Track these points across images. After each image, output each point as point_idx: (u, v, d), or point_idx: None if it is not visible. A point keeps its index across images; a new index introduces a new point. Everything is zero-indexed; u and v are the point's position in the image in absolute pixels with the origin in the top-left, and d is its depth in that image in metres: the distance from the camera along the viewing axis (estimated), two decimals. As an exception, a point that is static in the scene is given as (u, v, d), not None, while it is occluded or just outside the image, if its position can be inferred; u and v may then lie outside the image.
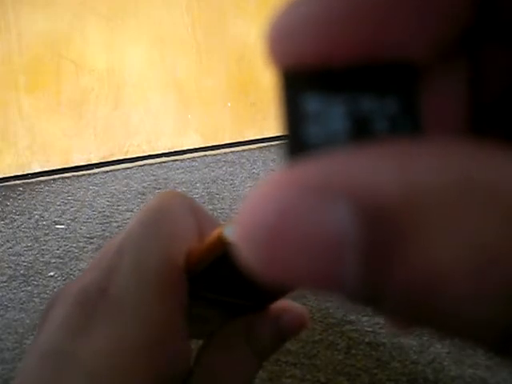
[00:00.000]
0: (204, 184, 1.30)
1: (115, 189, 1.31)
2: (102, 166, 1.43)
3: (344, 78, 0.10)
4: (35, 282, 0.97)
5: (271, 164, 1.40)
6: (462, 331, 0.08)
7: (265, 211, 0.08)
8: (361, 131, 0.10)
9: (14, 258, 1.05)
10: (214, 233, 0.21)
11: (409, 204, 0.08)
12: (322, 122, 0.10)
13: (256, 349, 0.23)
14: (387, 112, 0.10)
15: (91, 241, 1.09)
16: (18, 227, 1.16)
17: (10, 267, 1.02)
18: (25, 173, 1.39)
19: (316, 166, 0.09)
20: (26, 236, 1.12)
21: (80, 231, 1.13)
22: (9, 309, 0.91)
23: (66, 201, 1.26)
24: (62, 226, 1.15)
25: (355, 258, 0.08)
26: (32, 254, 1.05)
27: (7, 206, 1.25)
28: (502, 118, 0.11)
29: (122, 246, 0.22)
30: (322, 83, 0.10)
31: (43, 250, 1.07)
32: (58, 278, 0.98)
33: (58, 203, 1.25)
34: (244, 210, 0.09)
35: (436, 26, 0.10)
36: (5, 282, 0.98)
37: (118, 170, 1.42)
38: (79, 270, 0.99)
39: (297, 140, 0.10)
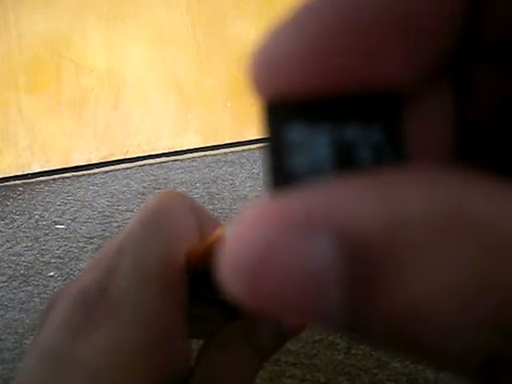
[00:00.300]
0: (204, 184, 1.30)
1: (115, 189, 1.31)
2: (102, 166, 1.43)
3: (328, 108, 0.10)
4: (35, 282, 0.97)
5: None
6: (446, 360, 0.08)
7: (249, 242, 0.09)
8: (345, 161, 0.09)
9: (14, 257, 1.05)
10: (215, 233, 0.21)
11: (392, 237, 0.08)
12: (305, 152, 0.10)
13: (256, 349, 0.23)
14: (372, 141, 0.10)
15: (91, 241, 1.09)
16: (18, 227, 1.16)
17: (10, 267, 1.02)
18: (25, 173, 1.38)
19: (299, 197, 0.09)
20: (26, 236, 1.12)
21: (80, 231, 1.13)
22: (9, 309, 0.91)
23: (65, 201, 1.26)
24: (62, 226, 1.15)
25: (338, 290, 0.08)
26: (32, 254, 1.05)
27: (7, 205, 1.25)
28: (489, 144, 0.11)
29: (122, 245, 0.22)
30: (305, 113, 0.10)
31: (43, 250, 1.07)
32: (58, 278, 0.98)
33: (58, 203, 1.25)
34: (229, 240, 0.09)
35: (423, 54, 0.10)
36: (5, 282, 0.98)
37: (118, 170, 1.41)
38: (79, 269, 0.99)
39: (281, 169, 0.10)
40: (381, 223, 0.08)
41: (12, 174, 1.37)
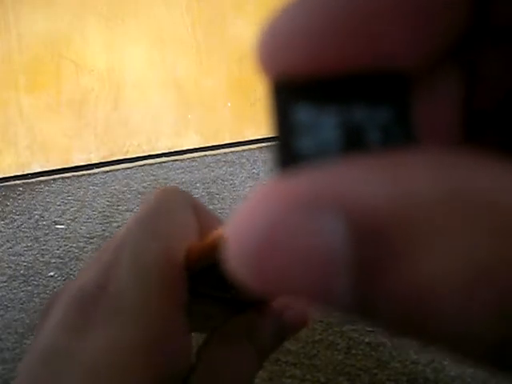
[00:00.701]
0: (204, 184, 1.30)
1: (115, 189, 1.31)
2: (102, 166, 1.43)
3: (335, 89, 0.09)
4: (35, 282, 0.97)
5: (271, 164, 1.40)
6: (452, 345, 0.08)
7: (256, 223, 0.08)
8: (353, 142, 0.09)
9: (14, 258, 1.05)
10: (216, 231, 0.21)
11: (400, 217, 0.08)
12: (313, 133, 0.09)
13: (257, 346, 0.23)
14: (379, 122, 0.09)
15: (91, 241, 1.09)
16: (18, 227, 1.15)
17: (10, 267, 1.02)
18: (25, 173, 1.38)
19: (307, 178, 0.08)
20: (26, 236, 1.12)
21: (80, 231, 1.13)
22: (9, 309, 0.91)
23: (66, 201, 1.26)
24: (62, 226, 1.15)
25: (346, 271, 0.08)
26: (32, 254, 1.05)
27: (7, 205, 1.25)
28: (497, 127, 0.11)
29: (121, 242, 0.22)
30: (313, 93, 0.09)
31: (43, 250, 1.07)
32: (58, 278, 0.98)
33: (58, 203, 1.25)
34: (234, 222, 0.09)
35: (431, 37, 0.09)
36: (5, 282, 0.98)
37: (118, 170, 1.41)
38: (79, 269, 0.99)
39: (288, 151, 0.10)
40: (389, 203, 0.08)
41: (12, 174, 1.37)
